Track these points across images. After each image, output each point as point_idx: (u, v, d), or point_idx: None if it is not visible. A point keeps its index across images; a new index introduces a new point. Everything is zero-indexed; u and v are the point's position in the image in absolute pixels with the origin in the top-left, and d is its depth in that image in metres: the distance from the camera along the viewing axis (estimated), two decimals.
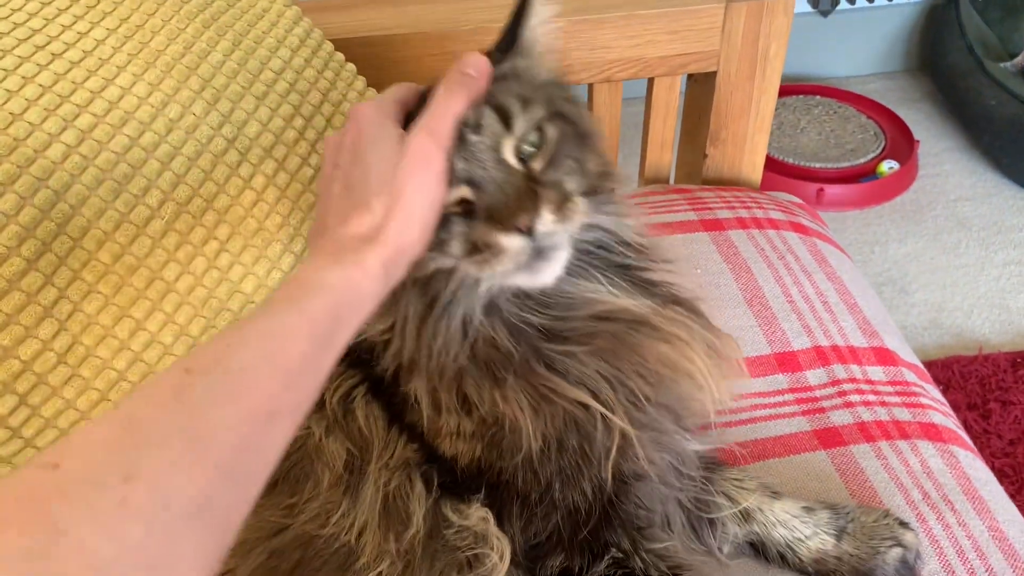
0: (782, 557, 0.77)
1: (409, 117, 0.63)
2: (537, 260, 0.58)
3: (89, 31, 0.77)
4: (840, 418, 0.89)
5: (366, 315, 0.55)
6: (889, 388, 0.94)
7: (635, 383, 0.64)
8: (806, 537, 0.76)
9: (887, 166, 2.10)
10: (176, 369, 0.46)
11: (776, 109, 2.23)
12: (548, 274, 0.60)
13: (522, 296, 0.62)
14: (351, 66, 0.93)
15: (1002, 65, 2.11)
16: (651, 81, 1.13)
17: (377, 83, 0.98)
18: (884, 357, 0.97)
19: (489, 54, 0.64)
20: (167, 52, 0.79)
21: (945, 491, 0.84)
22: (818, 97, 2.29)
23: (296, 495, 0.67)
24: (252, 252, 0.78)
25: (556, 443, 0.63)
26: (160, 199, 0.74)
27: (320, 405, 0.67)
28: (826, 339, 0.97)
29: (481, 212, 0.58)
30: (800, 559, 0.76)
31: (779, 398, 0.92)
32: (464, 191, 0.59)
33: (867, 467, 0.85)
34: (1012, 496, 1.46)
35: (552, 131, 0.61)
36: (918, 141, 2.15)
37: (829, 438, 0.88)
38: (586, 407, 0.62)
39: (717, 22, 1.07)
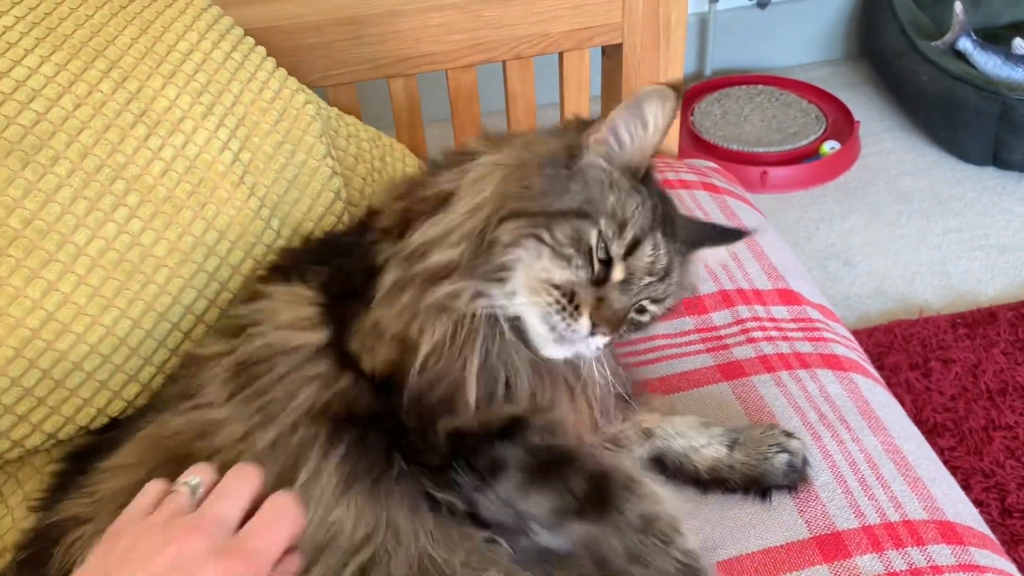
0: (681, 467, 0.80)
1: None
2: (570, 343, 0.70)
3: None
4: (743, 352, 0.94)
5: None
6: (792, 325, 0.98)
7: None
8: (701, 446, 0.80)
9: (829, 147, 2.15)
10: None
11: (719, 99, 2.30)
12: (560, 354, 0.71)
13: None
14: (261, 48, 0.98)
15: (933, 43, 2.18)
16: (561, 56, 1.19)
17: (294, 68, 1.03)
18: (788, 297, 1.01)
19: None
20: (75, 36, 0.84)
21: (842, 412, 0.88)
22: (760, 86, 2.35)
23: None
24: (163, 218, 0.82)
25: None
26: (69, 169, 0.78)
27: None
28: (731, 283, 1.01)
29: (593, 296, 0.70)
30: (696, 467, 0.80)
31: (685, 339, 0.96)
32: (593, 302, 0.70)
33: (766, 394, 0.89)
34: (953, 448, 1.51)
35: (656, 312, 0.76)
36: (858, 122, 2.20)
37: (731, 371, 0.92)
38: None
39: None
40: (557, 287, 0.69)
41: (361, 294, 0.73)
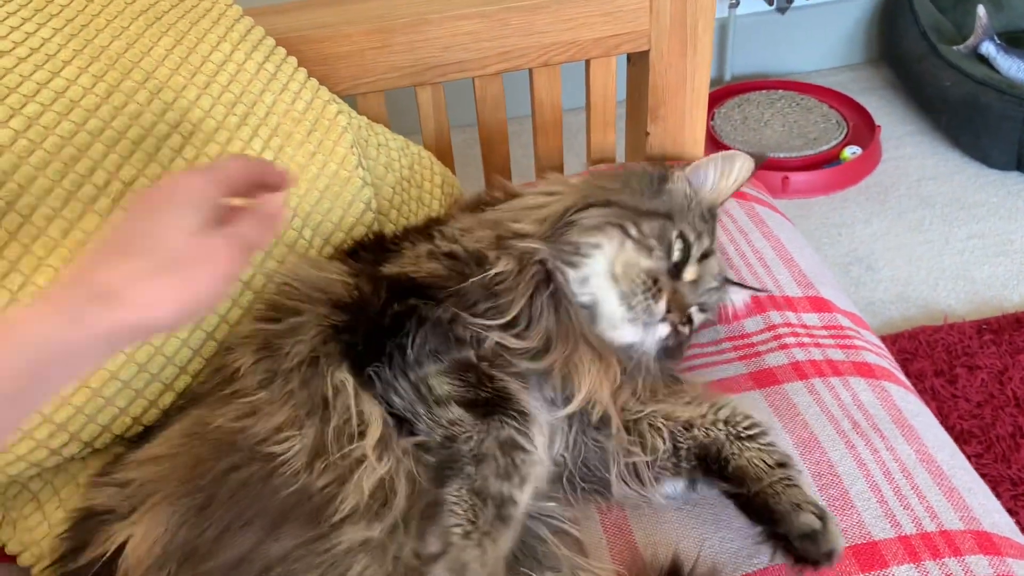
0: (715, 448, 0.77)
1: None
2: (645, 327, 0.79)
3: (36, 31, 0.82)
4: (775, 360, 0.93)
5: (82, 371, 0.52)
6: (824, 332, 0.98)
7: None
8: (751, 446, 0.77)
9: (850, 152, 2.14)
10: None
11: (739, 104, 2.29)
12: (629, 335, 0.79)
13: (569, 292, 0.79)
14: (293, 59, 0.99)
15: (955, 48, 2.17)
16: (588, 63, 1.19)
17: (324, 77, 1.04)
18: (819, 305, 1.01)
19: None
20: (111, 48, 0.85)
21: (875, 420, 0.87)
22: (780, 91, 2.34)
23: None
24: None
25: None
26: (106, 179, 0.79)
27: None
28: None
29: (671, 285, 0.80)
30: (726, 461, 0.76)
31: (717, 347, 0.96)
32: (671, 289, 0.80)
33: (799, 402, 0.88)
34: (980, 455, 1.50)
35: (697, 322, 0.86)
36: (879, 126, 2.20)
37: (764, 378, 0.91)
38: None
39: (645, 1, 1.13)
40: (645, 271, 0.79)
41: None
